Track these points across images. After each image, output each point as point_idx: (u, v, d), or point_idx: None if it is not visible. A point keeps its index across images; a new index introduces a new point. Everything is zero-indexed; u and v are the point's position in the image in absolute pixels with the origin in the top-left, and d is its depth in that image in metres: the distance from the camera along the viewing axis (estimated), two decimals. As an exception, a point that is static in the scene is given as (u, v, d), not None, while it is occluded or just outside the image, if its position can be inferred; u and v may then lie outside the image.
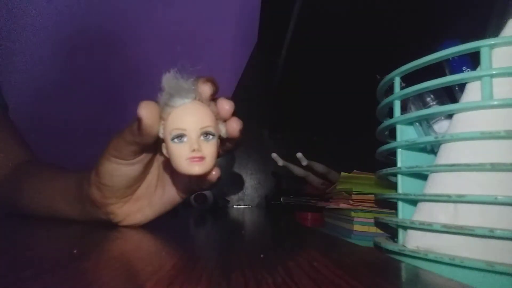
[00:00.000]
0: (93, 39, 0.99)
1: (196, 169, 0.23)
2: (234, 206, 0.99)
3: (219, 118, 0.25)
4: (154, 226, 0.31)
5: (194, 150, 0.23)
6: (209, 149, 0.24)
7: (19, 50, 0.96)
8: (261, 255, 0.20)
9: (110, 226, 0.31)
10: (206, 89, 0.24)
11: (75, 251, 0.19)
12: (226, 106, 0.24)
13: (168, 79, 0.23)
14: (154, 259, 0.19)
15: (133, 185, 0.29)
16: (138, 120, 0.23)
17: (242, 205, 1.00)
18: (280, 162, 0.75)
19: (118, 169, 0.27)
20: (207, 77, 0.24)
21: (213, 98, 0.25)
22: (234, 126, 0.25)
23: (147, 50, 1.01)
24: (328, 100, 0.79)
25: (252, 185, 1.02)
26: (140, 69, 1.00)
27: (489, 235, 0.21)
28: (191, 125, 0.23)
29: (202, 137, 0.23)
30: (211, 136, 0.24)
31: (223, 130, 0.25)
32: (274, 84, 0.75)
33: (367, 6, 0.43)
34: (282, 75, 0.68)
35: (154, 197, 0.31)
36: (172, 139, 0.23)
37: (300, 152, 0.72)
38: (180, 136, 0.23)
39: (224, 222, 0.51)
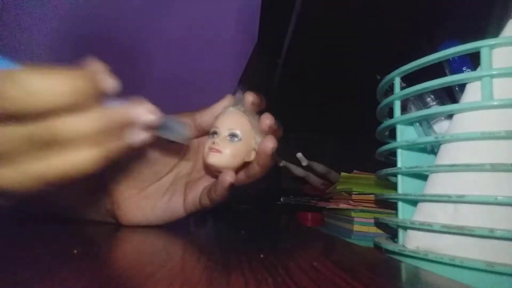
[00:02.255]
0: (94, 39, 0.99)
1: (211, 158, 0.27)
2: (234, 206, 0.99)
3: (259, 131, 0.28)
4: (154, 226, 0.31)
5: (214, 143, 0.27)
6: (229, 147, 0.27)
7: (22, 52, 0.96)
8: (261, 255, 0.20)
9: (110, 226, 0.31)
10: (248, 98, 0.28)
11: (75, 251, 0.19)
12: (266, 120, 0.27)
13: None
14: (154, 259, 0.19)
15: (144, 172, 0.29)
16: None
17: (242, 205, 1.00)
18: (281, 162, 0.75)
19: None
20: (254, 92, 0.29)
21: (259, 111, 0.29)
22: (268, 144, 0.26)
23: (148, 50, 1.01)
24: (328, 100, 0.79)
25: (252, 185, 1.02)
26: (141, 70, 1.00)
27: (489, 235, 0.21)
28: (222, 125, 0.27)
29: (228, 137, 0.27)
30: (236, 138, 0.27)
31: (257, 139, 0.28)
32: (274, 84, 0.75)
33: (367, 6, 0.43)
34: (282, 75, 0.68)
35: (160, 202, 0.31)
36: (209, 134, 0.28)
37: (300, 152, 0.72)
38: (214, 133, 0.28)
39: (224, 222, 0.51)
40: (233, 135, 0.27)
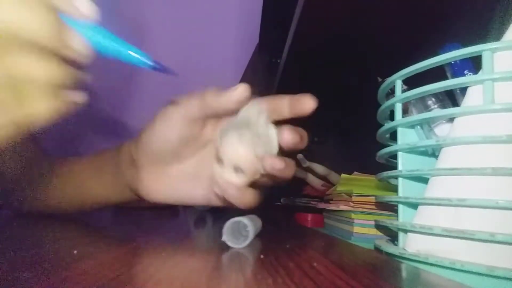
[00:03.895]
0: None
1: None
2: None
3: (271, 146, 0.27)
4: (153, 226, 0.32)
5: (221, 178, 0.27)
6: (235, 181, 0.27)
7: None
8: (261, 255, 0.20)
9: (110, 227, 0.31)
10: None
11: (75, 251, 0.19)
12: (286, 136, 0.27)
13: None
14: (154, 259, 0.19)
15: (164, 151, 0.29)
16: None
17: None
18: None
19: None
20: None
21: None
22: (275, 166, 0.26)
23: (149, 50, 1.01)
24: (329, 101, 0.79)
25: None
26: (142, 69, 1.00)
27: (490, 239, 0.21)
28: (226, 156, 0.27)
29: (232, 169, 0.27)
30: (240, 172, 0.27)
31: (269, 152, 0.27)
32: (275, 84, 0.75)
33: (369, 8, 0.43)
34: (283, 76, 0.68)
35: (183, 186, 0.31)
36: (216, 158, 0.27)
37: (300, 153, 0.72)
38: (220, 160, 0.27)
39: (224, 222, 0.51)
40: (237, 168, 0.26)
